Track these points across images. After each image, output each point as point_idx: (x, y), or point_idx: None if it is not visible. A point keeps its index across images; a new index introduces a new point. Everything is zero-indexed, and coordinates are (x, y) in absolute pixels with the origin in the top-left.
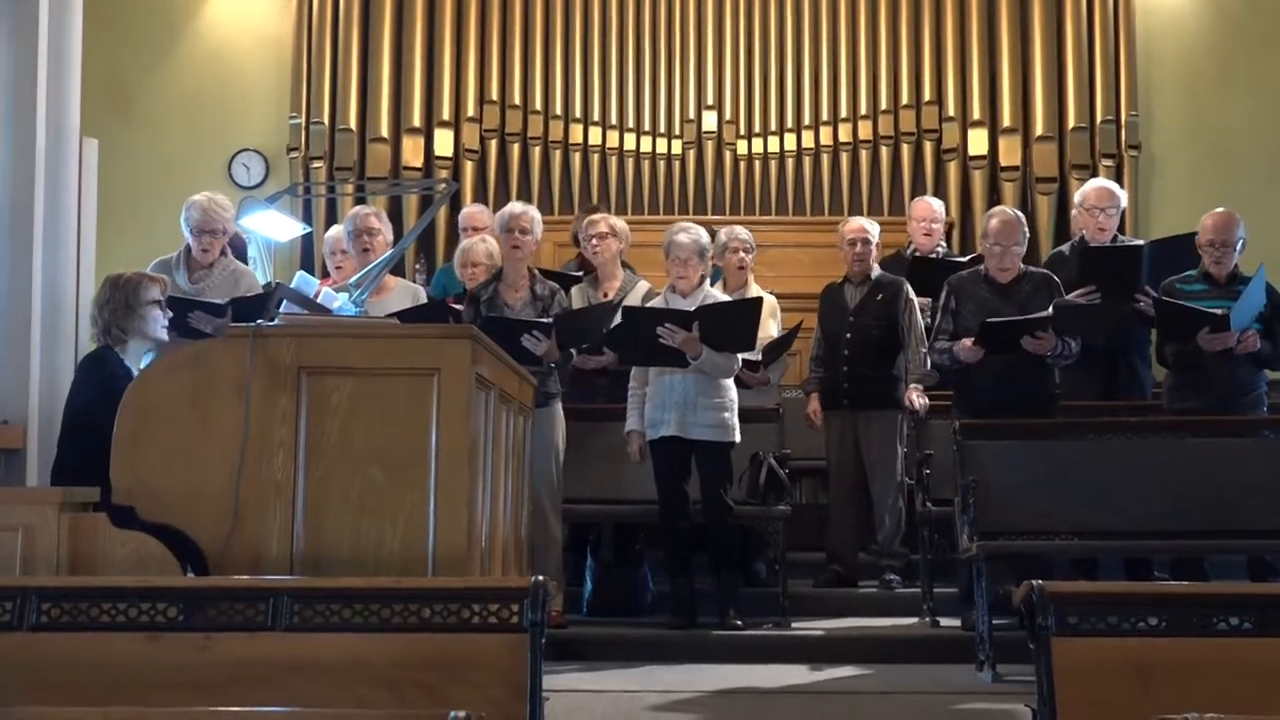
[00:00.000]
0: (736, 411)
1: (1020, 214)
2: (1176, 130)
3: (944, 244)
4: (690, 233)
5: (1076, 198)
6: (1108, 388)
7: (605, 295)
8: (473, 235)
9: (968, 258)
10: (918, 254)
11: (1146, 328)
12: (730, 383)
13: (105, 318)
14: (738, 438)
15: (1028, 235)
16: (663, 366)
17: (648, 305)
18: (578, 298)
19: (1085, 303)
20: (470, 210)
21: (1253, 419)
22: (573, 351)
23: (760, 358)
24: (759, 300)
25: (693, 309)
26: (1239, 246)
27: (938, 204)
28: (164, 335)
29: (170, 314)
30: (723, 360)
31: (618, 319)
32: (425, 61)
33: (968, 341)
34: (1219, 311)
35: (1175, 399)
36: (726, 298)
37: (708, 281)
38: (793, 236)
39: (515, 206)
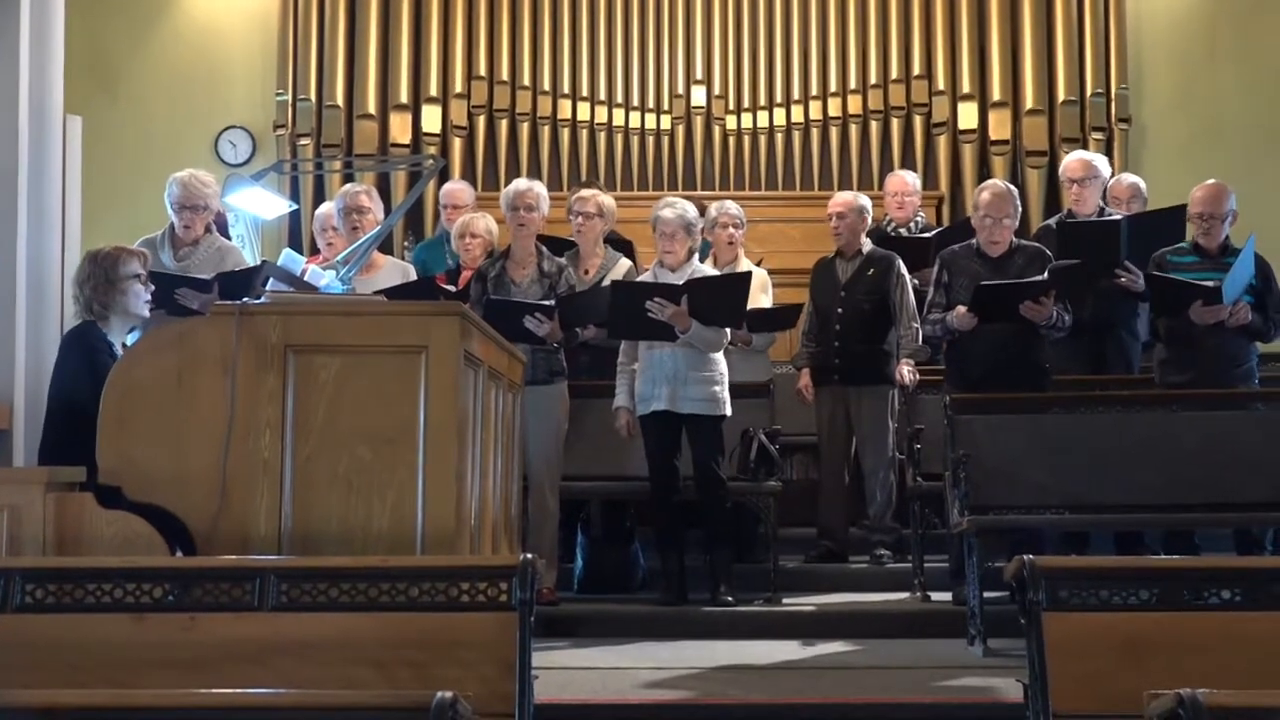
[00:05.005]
0: (727, 385)
1: (1012, 187)
2: (1166, 102)
3: (921, 216)
4: (675, 207)
5: (1060, 170)
6: (1096, 362)
7: (586, 274)
8: (453, 213)
9: (932, 233)
10: (895, 229)
11: (1131, 302)
12: (720, 356)
13: (86, 294)
14: (729, 411)
15: (1019, 208)
16: (651, 340)
17: (636, 280)
18: None
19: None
20: (451, 187)
21: (1243, 392)
22: (578, 331)
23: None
24: (748, 275)
25: (681, 283)
26: (1229, 219)
27: (911, 177)
28: (145, 311)
29: (153, 288)
30: (711, 334)
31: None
32: (412, 37)
33: (961, 309)
34: (1211, 284)
35: (1167, 373)
36: (714, 272)
37: (696, 256)
38: (783, 211)
39: (520, 183)
